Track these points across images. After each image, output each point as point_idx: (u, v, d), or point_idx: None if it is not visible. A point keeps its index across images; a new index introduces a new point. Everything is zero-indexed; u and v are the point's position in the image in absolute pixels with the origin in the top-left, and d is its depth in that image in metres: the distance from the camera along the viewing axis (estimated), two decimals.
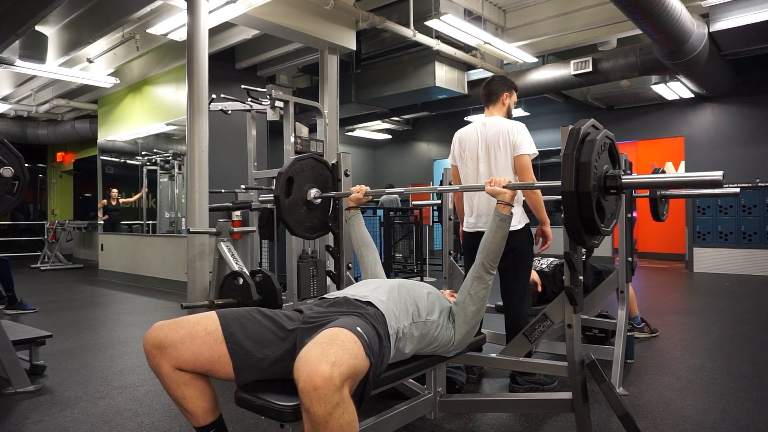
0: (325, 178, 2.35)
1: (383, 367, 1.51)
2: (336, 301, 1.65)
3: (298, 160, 2.27)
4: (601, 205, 1.41)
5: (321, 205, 2.33)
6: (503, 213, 1.78)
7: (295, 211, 2.24)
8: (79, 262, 9.96)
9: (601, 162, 1.42)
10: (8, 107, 8.52)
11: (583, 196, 1.35)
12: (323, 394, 1.15)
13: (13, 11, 4.57)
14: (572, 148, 1.37)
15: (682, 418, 2.25)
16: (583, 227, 1.39)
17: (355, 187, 2.20)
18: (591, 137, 1.40)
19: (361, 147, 12.83)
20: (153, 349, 1.40)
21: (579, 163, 1.36)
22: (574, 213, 1.36)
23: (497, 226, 1.78)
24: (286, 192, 2.19)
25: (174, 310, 4.91)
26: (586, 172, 1.34)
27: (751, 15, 5.06)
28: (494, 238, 1.78)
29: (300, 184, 2.25)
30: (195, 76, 3.92)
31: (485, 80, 2.71)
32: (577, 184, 1.35)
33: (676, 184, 1.45)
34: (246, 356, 1.44)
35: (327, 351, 1.21)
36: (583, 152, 1.37)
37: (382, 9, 5.94)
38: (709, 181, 1.25)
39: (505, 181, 1.78)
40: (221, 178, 5.27)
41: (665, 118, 8.61)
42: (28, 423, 2.28)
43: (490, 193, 1.80)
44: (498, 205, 1.78)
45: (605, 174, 1.44)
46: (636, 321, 3.60)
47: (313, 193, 2.27)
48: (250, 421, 2.24)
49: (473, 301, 1.79)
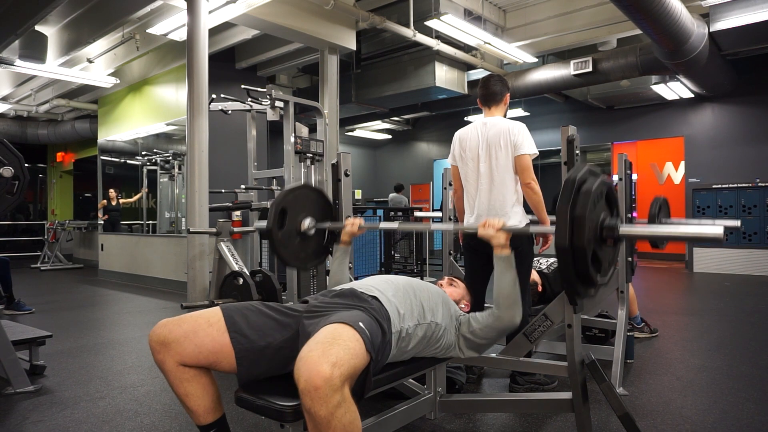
0: (319, 207, 2.25)
1: (384, 361, 1.51)
2: (341, 292, 1.65)
3: (291, 191, 2.17)
4: (597, 256, 1.36)
5: (315, 235, 2.23)
6: (503, 255, 1.71)
7: (289, 243, 2.15)
8: (79, 262, 9.96)
9: (598, 211, 1.37)
10: (8, 107, 8.52)
11: (578, 251, 1.30)
12: (324, 394, 1.15)
13: (13, 11, 4.57)
14: (567, 201, 1.32)
15: (682, 418, 2.25)
16: (578, 280, 1.34)
17: (349, 220, 2.12)
18: (587, 187, 1.34)
19: (361, 147, 12.83)
20: (157, 345, 1.42)
21: (573, 216, 1.31)
22: (569, 268, 1.32)
23: (502, 270, 1.71)
24: (279, 224, 2.10)
25: (174, 310, 4.90)
26: (581, 226, 1.29)
27: (751, 15, 5.07)
28: (505, 283, 1.72)
29: (293, 215, 2.14)
30: (195, 76, 3.92)
31: (482, 80, 2.70)
32: (571, 239, 1.30)
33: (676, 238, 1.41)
34: (248, 344, 1.45)
35: (328, 351, 1.21)
36: (578, 205, 1.32)
37: (382, 9, 5.94)
38: (710, 237, 1.24)
39: (499, 224, 1.71)
40: (221, 178, 5.27)
41: (665, 118, 8.60)
42: (27, 423, 2.28)
43: (483, 236, 1.73)
44: (495, 250, 1.72)
45: (602, 224, 1.38)
46: (636, 321, 3.60)
47: (307, 224, 2.17)
48: (250, 421, 2.24)
49: (478, 339, 1.78)
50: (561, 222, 1.32)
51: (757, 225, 7.09)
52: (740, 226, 2.63)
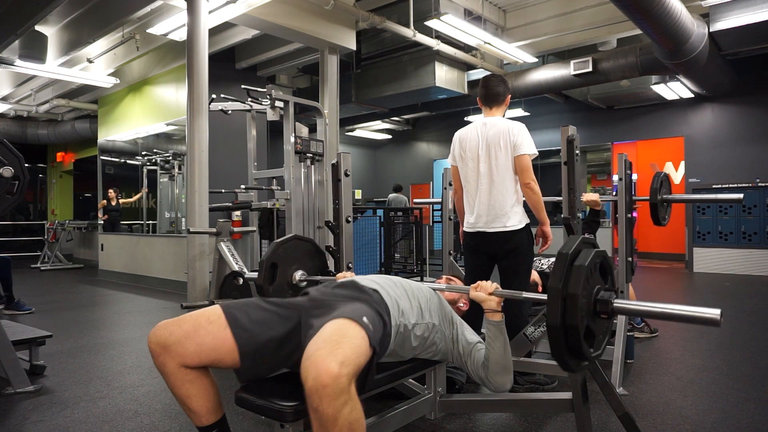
0: (310, 257, 2.24)
1: (383, 354, 1.52)
2: (343, 284, 1.66)
3: (281, 244, 2.16)
4: (590, 330, 1.34)
5: (307, 287, 2.20)
6: (494, 320, 1.68)
7: (281, 297, 2.11)
8: (79, 262, 9.95)
9: (593, 283, 1.34)
10: (8, 107, 8.52)
11: (571, 330, 1.28)
12: (332, 392, 1.16)
13: (13, 11, 4.57)
14: (559, 280, 1.30)
15: (682, 418, 2.25)
16: (570, 355, 1.32)
17: (341, 275, 2.08)
18: (580, 261, 1.32)
19: (361, 147, 12.83)
20: (157, 348, 1.41)
21: (566, 295, 1.29)
22: (561, 345, 1.29)
23: (494, 336, 1.68)
24: (270, 279, 2.09)
25: (174, 310, 4.90)
26: (574, 305, 1.27)
27: (751, 15, 5.06)
28: (496, 349, 1.68)
29: (284, 268, 2.14)
30: (195, 76, 3.92)
31: (483, 80, 2.69)
32: (563, 318, 1.29)
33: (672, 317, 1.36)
34: (251, 338, 1.45)
35: (335, 350, 1.22)
36: (571, 283, 1.29)
37: (382, 9, 5.94)
38: (706, 319, 1.22)
39: (492, 287, 1.69)
40: (221, 178, 5.27)
41: (665, 118, 8.60)
42: (27, 423, 2.28)
43: (475, 299, 1.71)
44: (486, 313, 1.69)
45: (596, 298, 1.35)
46: (636, 321, 3.61)
47: (299, 276, 2.17)
48: (250, 421, 2.24)
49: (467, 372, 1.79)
50: (553, 300, 1.29)
51: (757, 225, 7.09)
52: (742, 198, 2.62)
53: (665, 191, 2.77)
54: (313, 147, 3.96)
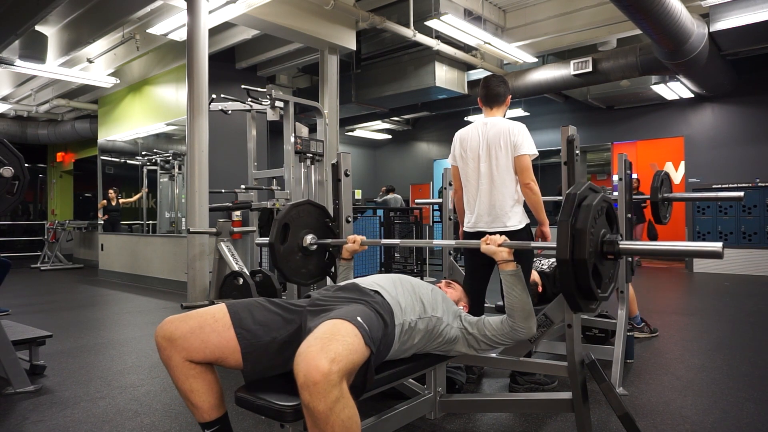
0: (321, 223, 2.29)
1: (386, 354, 1.53)
2: (344, 286, 1.68)
3: (295, 206, 2.21)
4: (598, 270, 1.38)
5: (317, 251, 2.27)
6: (508, 270, 1.73)
7: (290, 258, 2.19)
8: (79, 262, 9.96)
9: (598, 227, 1.39)
10: (8, 107, 8.52)
11: (579, 264, 1.32)
12: (323, 389, 1.16)
13: (13, 11, 4.57)
14: (568, 215, 1.35)
15: (682, 418, 2.25)
16: (579, 294, 1.36)
17: (351, 237, 2.16)
18: (587, 202, 1.37)
19: (361, 147, 12.83)
20: (164, 341, 1.43)
21: (575, 230, 1.33)
22: (570, 280, 1.33)
23: (511, 284, 1.73)
24: (282, 239, 2.14)
25: (174, 310, 4.90)
26: (582, 239, 1.31)
27: (751, 15, 5.06)
28: (515, 295, 1.72)
29: (296, 230, 2.18)
30: (195, 76, 3.92)
31: (484, 80, 2.70)
32: (572, 252, 1.32)
33: (676, 253, 1.42)
34: (254, 340, 1.46)
35: (327, 347, 1.22)
36: (579, 219, 1.34)
37: (382, 9, 5.94)
38: (709, 252, 1.24)
39: (501, 239, 1.73)
40: (221, 178, 5.27)
41: (665, 118, 8.60)
42: (27, 423, 2.28)
43: (486, 252, 1.75)
44: (500, 265, 1.74)
45: (602, 239, 1.40)
46: (636, 321, 3.60)
47: (309, 240, 2.21)
48: (250, 421, 2.24)
49: (491, 344, 1.78)
50: (562, 235, 1.33)
51: (757, 225, 7.09)
52: (743, 196, 2.64)
53: (666, 190, 2.77)
54: (313, 147, 3.96)
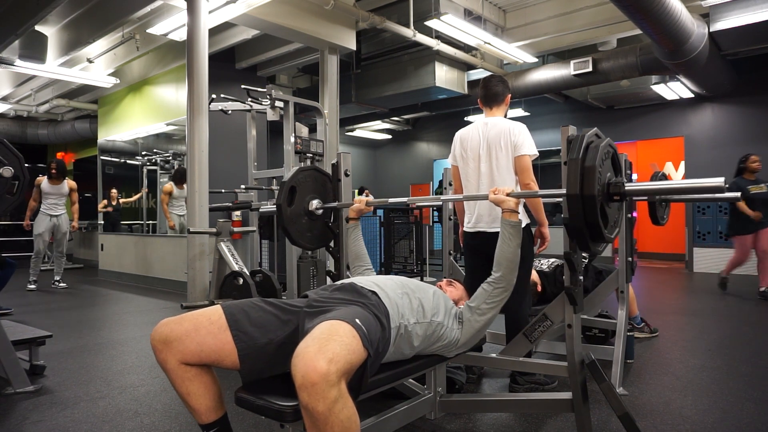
0: (327, 190, 2.34)
1: (383, 356, 1.52)
2: (341, 286, 1.66)
3: (302, 171, 2.26)
4: (604, 211, 1.43)
5: (322, 216, 2.32)
6: (511, 220, 1.79)
7: (296, 221, 2.23)
8: (79, 262, 9.95)
9: (605, 169, 1.45)
10: (8, 107, 8.52)
11: (588, 200, 1.36)
12: (321, 389, 1.16)
13: (13, 11, 4.57)
14: (577, 153, 1.40)
15: (682, 418, 2.25)
16: (587, 231, 1.40)
17: (357, 198, 2.22)
18: (595, 144, 1.43)
19: (361, 147, 12.83)
20: (159, 344, 1.42)
21: (584, 167, 1.38)
22: (579, 217, 1.36)
23: (510, 235, 1.79)
24: (289, 201, 2.18)
25: (174, 310, 4.90)
26: (591, 176, 1.36)
27: (751, 15, 5.06)
28: (509, 247, 1.79)
29: (302, 195, 2.24)
30: (195, 76, 3.92)
31: (483, 80, 2.70)
32: (581, 188, 1.36)
33: (678, 190, 1.47)
34: (250, 341, 1.45)
35: (324, 347, 1.22)
36: (588, 157, 1.40)
37: (382, 9, 5.94)
38: (710, 187, 1.26)
39: (508, 189, 1.80)
40: (221, 178, 5.27)
41: (665, 118, 8.60)
42: (27, 423, 2.28)
43: (494, 201, 1.82)
44: (504, 213, 1.80)
45: (608, 181, 1.46)
46: (636, 321, 3.61)
47: (315, 204, 2.26)
48: (250, 421, 2.24)
49: (488, 310, 1.80)
50: (572, 172, 1.38)
51: None
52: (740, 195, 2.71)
53: None
54: (313, 147, 3.96)
